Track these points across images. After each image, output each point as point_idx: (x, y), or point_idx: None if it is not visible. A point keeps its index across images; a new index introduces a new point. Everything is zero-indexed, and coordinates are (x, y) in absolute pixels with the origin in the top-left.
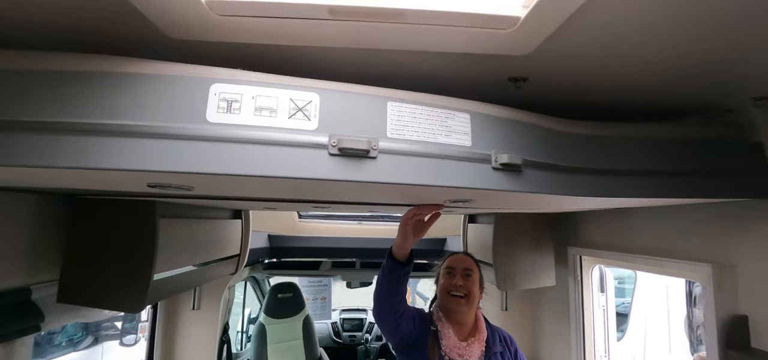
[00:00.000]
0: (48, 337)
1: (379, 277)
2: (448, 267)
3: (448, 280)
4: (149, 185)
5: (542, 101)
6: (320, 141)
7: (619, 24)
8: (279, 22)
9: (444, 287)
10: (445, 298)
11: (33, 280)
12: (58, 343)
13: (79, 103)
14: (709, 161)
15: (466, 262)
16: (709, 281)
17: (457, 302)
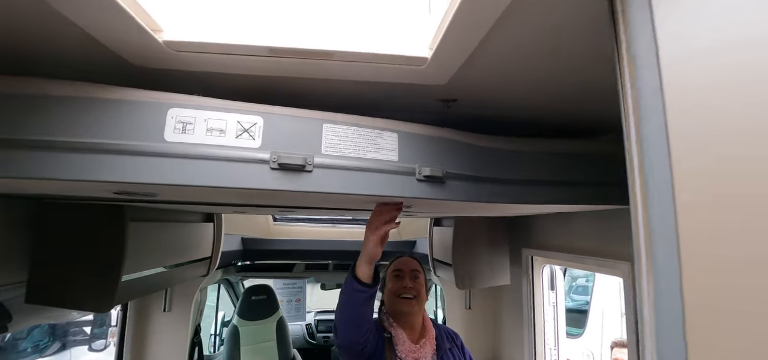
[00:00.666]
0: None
1: (347, 306)
2: (395, 270)
3: (397, 283)
4: (115, 192)
5: (471, 118)
6: (263, 157)
7: (512, 58)
8: (227, 57)
9: (393, 291)
10: (395, 301)
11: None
12: (24, 349)
13: (52, 123)
14: (598, 173)
15: (412, 263)
16: (628, 277)
17: (409, 304)
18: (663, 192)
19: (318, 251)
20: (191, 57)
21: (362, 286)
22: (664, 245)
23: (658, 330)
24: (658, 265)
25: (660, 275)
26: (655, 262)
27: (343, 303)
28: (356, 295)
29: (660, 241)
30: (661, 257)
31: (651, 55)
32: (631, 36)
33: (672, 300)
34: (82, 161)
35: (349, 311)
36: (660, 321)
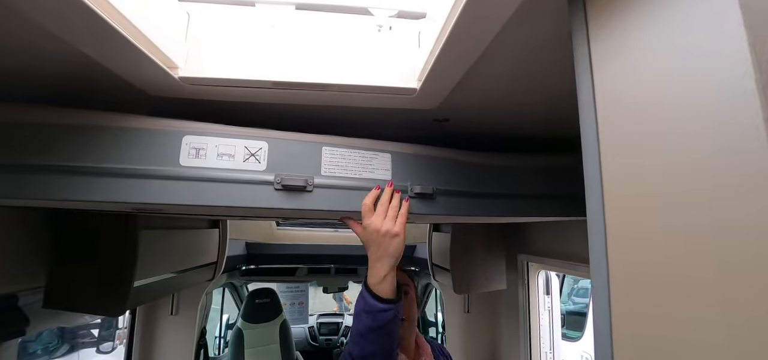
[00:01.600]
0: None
1: (370, 337)
2: None
3: None
4: (134, 208)
5: (464, 135)
6: (268, 179)
7: (497, 83)
8: (235, 89)
9: None
10: None
11: (19, 288)
12: (33, 351)
13: (78, 149)
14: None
15: (401, 277)
16: None
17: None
18: (596, 209)
19: (320, 255)
20: (203, 89)
21: (387, 304)
22: (597, 254)
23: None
24: (593, 270)
25: (595, 280)
26: (591, 267)
27: (364, 333)
28: (380, 317)
29: (595, 251)
30: (594, 264)
31: (590, 98)
32: (578, 78)
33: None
34: (105, 184)
35: (376, 342)
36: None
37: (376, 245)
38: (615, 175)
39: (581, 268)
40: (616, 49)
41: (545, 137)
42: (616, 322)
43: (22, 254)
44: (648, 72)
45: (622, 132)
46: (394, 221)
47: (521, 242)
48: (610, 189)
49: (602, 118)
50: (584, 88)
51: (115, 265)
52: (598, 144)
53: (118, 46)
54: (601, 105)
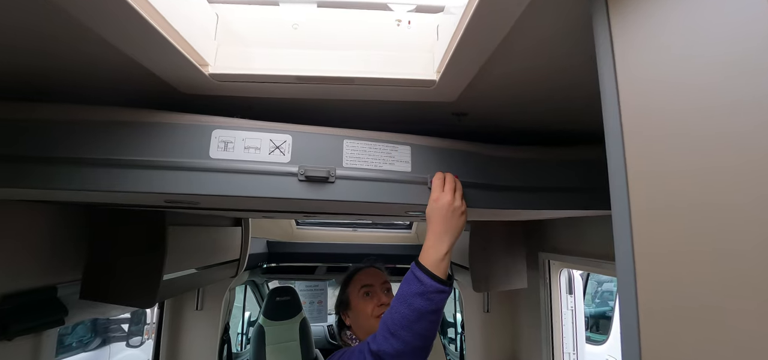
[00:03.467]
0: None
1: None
2: (364, 286)
3: (370, 302)
4: (166, 201)
5: (482, 130)
6: (292, 170)
7: (515, 75)
8: (262, 85)
9: (366, 311)
10: (372, 322)
11: (58, 280)
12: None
13: (116, 143)
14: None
15: (381, 275)
16: None
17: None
18: (621, 201)
19: (339, 254)
20: (232, 86)
21: (445, 285)
22: (623, 247)
23: (622, 329)
24: (620, 265)
25: (621, 275)
26: (617, 262)
27: (412, 321)
28: (436, 299)
29: (620, 243)
30: (621, 258)
31: (612, 85)
32: (600, 65)
33: (629, 300)
34: (142, 176)
35: (423, 327)
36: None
37: (444, 220)
38: (640, 163)
39: (606, 266)
40: (639, 31)
41: (566, 129)
42: (644, 322)
43: (62, 249)
44: (675, 53)
45: (646, 118)
46: (461, 200)
47: (542, 240)
48: (635, 178)
49: (626, 105)
50: (606, 74)
51: (146, 259)
52: (621, 131)
53: (156, 45)
54: (624, 91)
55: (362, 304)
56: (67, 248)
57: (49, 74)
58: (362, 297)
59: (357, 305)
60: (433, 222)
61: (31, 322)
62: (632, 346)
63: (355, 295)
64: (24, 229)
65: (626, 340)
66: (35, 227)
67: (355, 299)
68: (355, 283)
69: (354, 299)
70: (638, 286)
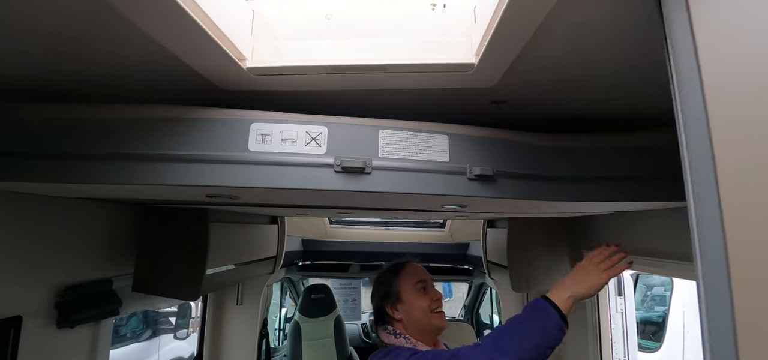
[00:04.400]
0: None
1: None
2: (419, 281)
3: (426, 297)
4: (207, 196)
5: (522, 119)
6: (328, 162)
7: (558, 58)
8: (297, 77)
9: (423, 306)
10: (430, 318)
11: (113, 273)
12: (123, 334)
13: (159, 139)
14: (663, 166)
15: (425, 270)
16: None
17: (442, 317)
18: (708, 189)
19: (372, 252)
20: (268, 79)
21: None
22: (711, 244)
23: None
24: (707, 264)
25: (709, 275)
26: (703, 261)
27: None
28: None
29: (708, 239)
30: (709, 256)
31: (690, 54)
32: (672, 35)
33: (721, 301)
34: (184, 169)
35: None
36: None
37: (588, 274)
38: (732, 151)
39: (668, 265)
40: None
41: (615, 116)
42: (742, 336)
43: (116, 244)
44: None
45: (740, 98)
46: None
47: (586, 237)
48: (726, 168)
49: (710, 84)
50: (682, 50)
51: (191, 254)
52: (705, 115)
53: (199, 41)
54: (707, 68)
55: (418, 299)
56: (121, 243)
57: (93, 79)
58: (418, 291)
59: (410, 299)
60: (580, 271)
61: (90, 312)
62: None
63: (409, 289)
64: (83, 225)
65: (718, 356)
66: (93, 224)
67: (408, 293)
68: (406, 277)
69: (407, 293)
70: (734, 294)
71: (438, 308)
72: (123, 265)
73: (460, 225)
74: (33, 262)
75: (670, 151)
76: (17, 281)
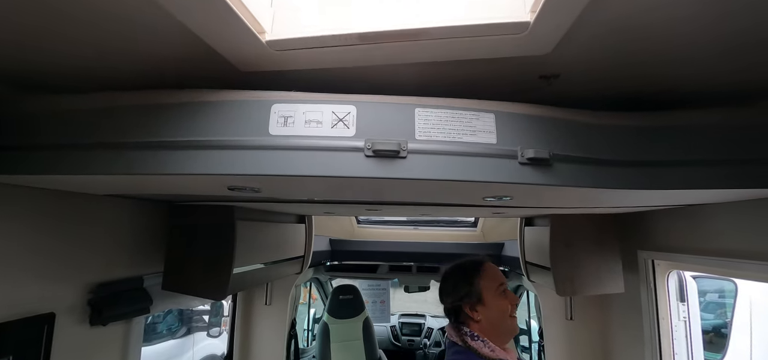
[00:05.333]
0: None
1: None
2: (500, 284)
3: (506, 300)
4: (229, 188)
5: (576, 97)
6: (357, 145)
7: (634, 15)
8: (321, 51)
9: (504, 310)
10: (508, 322)
11: (144, 272)
12: (160, 331)
13: (178, 126)
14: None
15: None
16: None
17: (516, 323)
18: None
19: (400, 252)
20: (290, 55)
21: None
22: None
23: None
24: None
25: None
26: None
27: None
28: None
29: None
30: None
31: None
32: None
33: None
34: (201, 158)
35: None
36: None
37: None
38: None
39: (740, 267)
40: None
41: (682, 94)
42: None
43: (146, 242)
44: None
45: None
46: None
47: (642, 235)
48: None
49: None
50: None
51: (218, 253)
52: None
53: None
54: None
55: (500, 302)
56: (152, 242)
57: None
58: (500, 294)
59: (492, 301)
60: None
61: (122, 310)
62: None
63: (491, 290)
64: (113, 223)
65: None
66: (123, 222)
67: (490, 294)
68: (487, 277)
69: (489, 294)
70: None
71: (514, 313)
72: (153, 264)
73: (493, 224)
74: (66, 260)
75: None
76: (50, 278)
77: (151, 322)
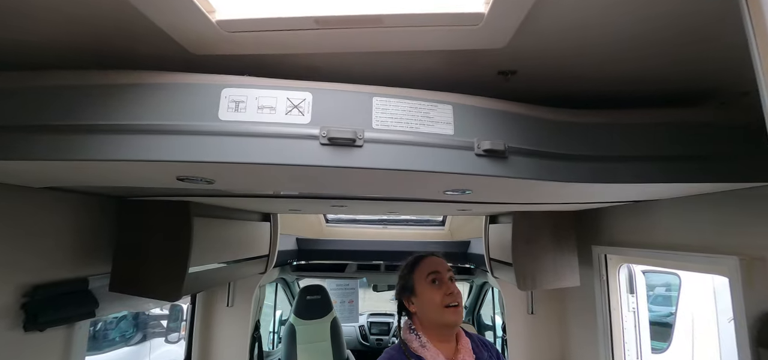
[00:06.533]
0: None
1: None
2: (431, 273)
3: (439, 290)
4: (178, 178)
5: (533, 94)
6: (312, 132)
7: (582, 14)
8: (275, 34)
9: (435, 301)
10: (441, 312)
11: (89, 272)
12: (112, 338)
13: (119, 109)
14: (716, 143)
15: (444, 263)
16: (736, 275)
17: (457, 313)
18: None
19: (369, 252)
20: (242, 37)
21: None
22: None
23: None
24: None
25: None
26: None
27: None
28: None
29: None
30: None
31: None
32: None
33: None
34: (144, 143)
35: None
36: None
37: None
38: None
39: (682, 259)
40: None
41: (648, 94)
42: None
43: (93, 240)
44: None
45: None
46: None
47: (596, 231)
48: None
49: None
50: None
51: (172, 251)
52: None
53: None
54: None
55: (430, 292)
56: (99, 241)
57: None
58: (429, 284)
59: (423, 293)
60: None
61: (63, 314)
62: None
63: (422, 281)
64: (54, 220)
65: None
66: (65, 218)
67: (421, 286)
68: (420, 269)
69: (420, 286)
70: None
71: (451, 303)
72: (101, 264)
73: (460, 222)
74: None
75: (724, 129)
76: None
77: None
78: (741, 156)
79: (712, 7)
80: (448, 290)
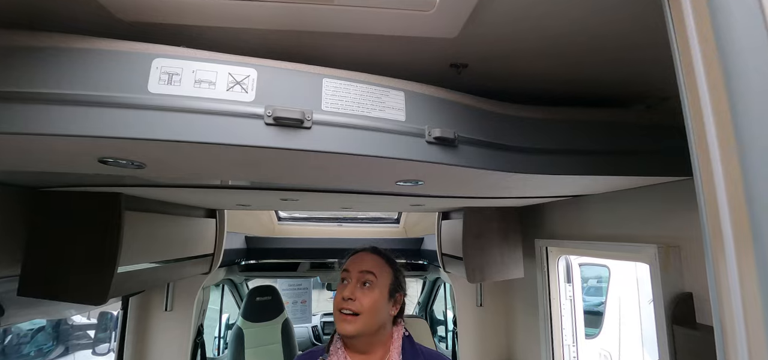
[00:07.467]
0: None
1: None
2: (344, 270)
3: (340, 292)
4: (101, 160)
5: (483, 89)
6: (257, 111)
7: (527, 10)
8: (217, 4)
9: (335, 303)
10: (336, 317)
11: None
12: (27, 353)
13: (28, 74)
14: (642, 142)
15: (365, 261)
16: (655, 261)
17: (346, 321)
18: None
19: (323, 249)
20: (178, 4)
21: None
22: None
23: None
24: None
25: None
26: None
27: None
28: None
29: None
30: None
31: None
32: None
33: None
34: (58, 114)
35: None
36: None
37: None
38: None
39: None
40: None
41: (585, 93)
42: None
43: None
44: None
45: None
46: None
47: (539, 225)
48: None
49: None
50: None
51: (97, 249)
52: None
53: None
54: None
55: (337, 293)
56: (3, 235)
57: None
58: (340, 284)
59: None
60: None
61: None
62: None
63: (340, 279)
64: None
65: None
66: None
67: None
68: (345, 266)
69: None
70: None
71: (344, 308)
72: (5, 264)
73: (414, 220)
74: None
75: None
76: None
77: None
78: (662, 154)
79: (646, 17)
80: (348, 294)
